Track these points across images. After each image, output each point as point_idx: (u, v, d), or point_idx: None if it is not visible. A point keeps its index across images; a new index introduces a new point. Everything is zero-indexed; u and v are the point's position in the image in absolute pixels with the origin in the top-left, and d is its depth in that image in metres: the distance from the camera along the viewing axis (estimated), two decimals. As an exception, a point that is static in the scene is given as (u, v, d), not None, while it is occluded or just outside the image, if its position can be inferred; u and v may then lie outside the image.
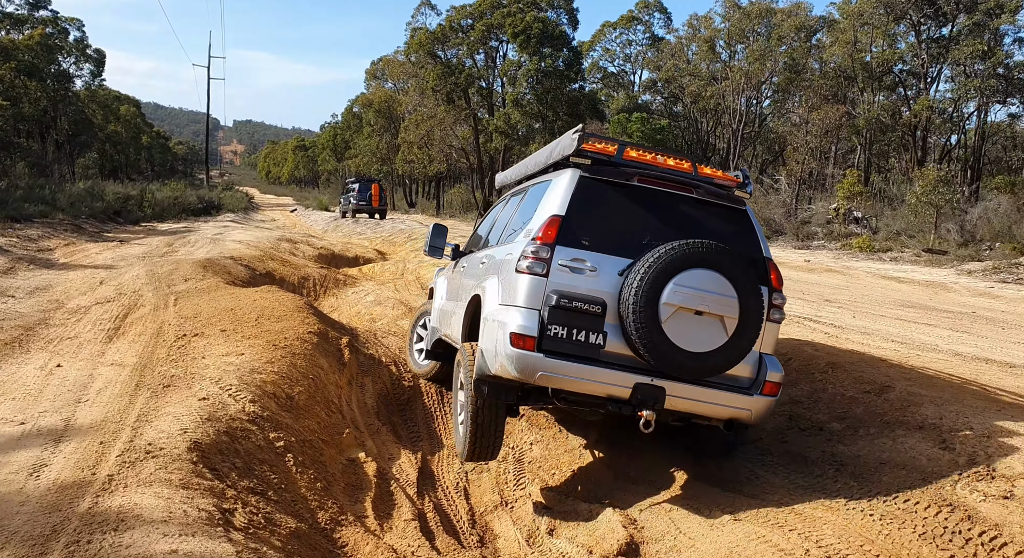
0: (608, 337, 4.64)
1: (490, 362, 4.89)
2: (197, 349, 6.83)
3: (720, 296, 4.58)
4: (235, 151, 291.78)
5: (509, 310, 4.83)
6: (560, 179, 5.13)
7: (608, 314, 4.65)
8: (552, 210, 4.91)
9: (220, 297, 9.51)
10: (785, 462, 4.80)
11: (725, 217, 5.11)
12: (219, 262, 14.32)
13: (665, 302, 4.52)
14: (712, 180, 5.25)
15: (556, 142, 5.49)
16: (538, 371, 4.61)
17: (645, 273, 4.54)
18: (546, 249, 4.74)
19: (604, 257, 4.80)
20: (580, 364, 4.61)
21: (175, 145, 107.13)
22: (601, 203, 4.97)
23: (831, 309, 10.44)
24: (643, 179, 5.03)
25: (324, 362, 7.04)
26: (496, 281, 5.26)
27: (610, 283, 4.73)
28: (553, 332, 4.60)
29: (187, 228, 27.94)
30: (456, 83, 41.42)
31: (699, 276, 4.58)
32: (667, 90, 45.20)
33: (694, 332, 4.56)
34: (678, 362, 4.55)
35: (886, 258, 19.12)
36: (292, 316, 7.89)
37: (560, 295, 4.62)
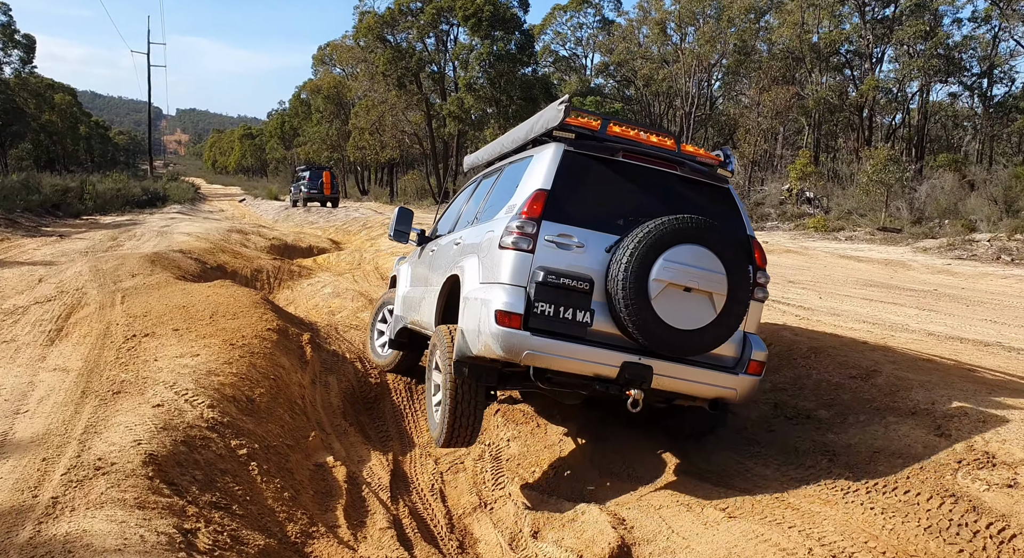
0: (595, 315, 4.53)
1: (472, 342, 4.73)
2: (149, 351, 6.41)
3: (709, 272, 4.51)
4: (179, 141, 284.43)
5: (493, 288, 4.67)
6: (543, 154, 4.98)
7: (595, 291, 4.54)
8: (537, 184, 4.76)
9: (171, 293, 9.03)
10: (775, 453, 4.65)
11: (708, 195, 5.05)
12: (168, 256, 13.72)
13: (655, 278, 4.43)
14: (695, 158, 5.18)
15: (538, 116, 5.34)
16: (524, 350, 4.46)
17: (635, 248, 4.44)
18: (532, 224, 4.60)
19: (590, 233, 4.67)
20: (567, 343, 4.49)
21: (116, 135, 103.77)
22: (586, 178, 4.85)
23: (796, 290, 10.41)
24: (628, 155, 4.93)
25: (285, 361, 6.68)
26: (476, 260, 5.09)
27: (597, 260, 4.62)
28: (540, 310, 4.46)
29: (132, 221, 26.92)
30: (407, 67, 40.71)
31: (689, 252, 4.50)
32: (619, 73, 45.14)
33: (683, 309, 4.48)
34: (667, 340, 4.46)
35: (841, 237, 19.35)
36: (249, 312, 7.50)
37: (547, 272, 4.49)
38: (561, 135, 4.95)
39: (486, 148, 6.87)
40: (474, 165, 7.27)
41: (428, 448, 6.40)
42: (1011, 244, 15.21)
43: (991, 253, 14.82)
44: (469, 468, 5.83)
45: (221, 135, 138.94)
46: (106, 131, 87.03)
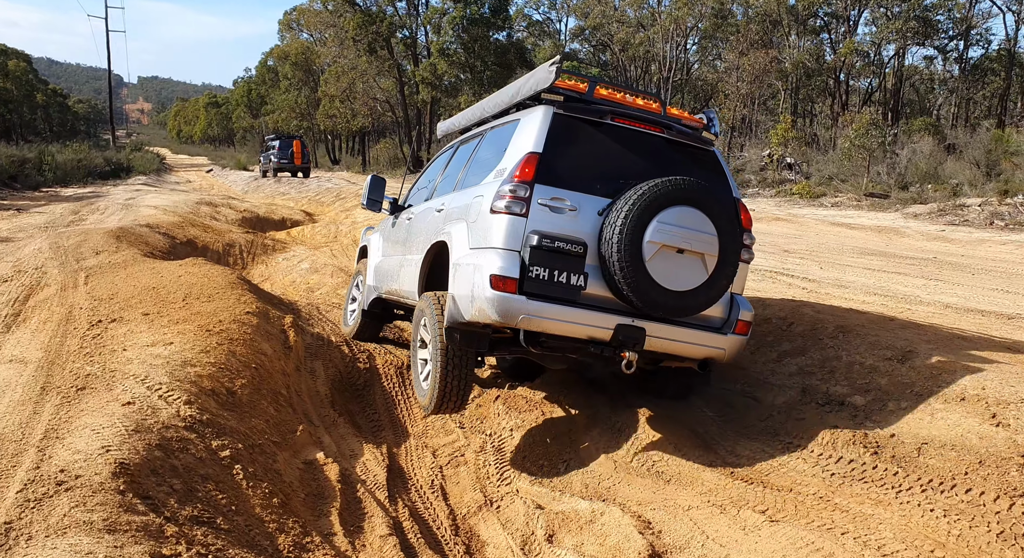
0: (589, 278, 4.54)
1: (465, 308, 4.70)
2: (116, 338, 5.87)
3: (702, 233, 4.55)
4: (142, 109, 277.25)
5: (485, 253, 4.63)
6: (532, 116, 4.91)
7: (588, 255, 4.54)
8: (528, 147, 4.70)
9: (139, 273, 8.43)
10: (808, 444, 4.29)
11: (695, 157, 5.07)
12: (134, 231, 13.02)
13: (649, 240, 4.45)
14: (680, 120, 5.18)
15: (525, 78, 5.22)
16: (520, 314, 4.45)
17: (629, 211, 4.44)
18: (525, 187, 4.56)
19: (583, 196, 4.66)
20: (562, 306, 4.49)
21: (75, 104, 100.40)
22: (576, 141, 4.81)
23: (795, 260, 10.07)
24: (616, 118, 4.89)
25: (267, 347, 6.18)
26: (464, 226, 5.03)
27: (590, 223, 4.61)
28: (535, 273, 4.45)
29: (95, 193, 25.89)
30: (377, 32, 39.53)
31: (682, 213, 4.52)
32: (595, 38, 44.28)
33: (676, 271, 4.52)
34: (661, 301, 4.49)
35: (827, 204, 19.08)
36: (225, 294, 6.96)
37: (541, 236, 4.46)
38: (550, 98, 4.87)
39: (463, 113, 6.70)
40: (449, 131, 7.12)
41: (424, 438, 5.98)
42: (1003, 209, 15.04)
43: (983, 218, 14.63)
44: (471, 461, 5.41)
45: (186, 104, 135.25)
46: (64, 99, 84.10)
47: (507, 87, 5.62)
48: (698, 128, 5.24)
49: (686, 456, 4.53)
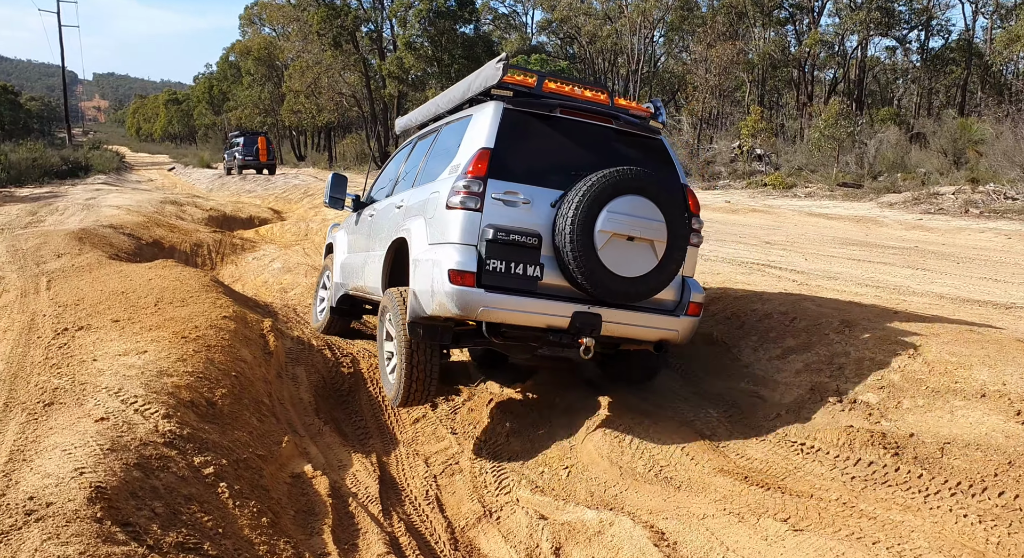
0: (544, 269, 4.67)
1: (425, 303, 4.84)
2: (85, 348, 5.52)
3: (650, 221, 4.70)
4: (99, 107, 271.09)
5: (443, 248, 4.75)
6: (483, 112, 5.00)
7: (543, 246, 4.67)
8: (480, 143, 4.80)
9: (106, 276, 8.04)
10: (822, 445, 4.12)
11: (643, 147, 5.20)
12: (97, 232, 12.54)
13: (600, 229, 4.59)
14: (628, 111, 5.27)
15: (475, 75, 5.32)
16: (480, 306, 4.59)
17: (580, 202, 4.57)
18: (478, 183, 4.68)
19: (535, 189, 4.77)
20: (520, 297, 4.63)
21: (27, 101, 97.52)
22: (526, 135, 4.92)
23: (778, 252, 9.99)
24: (565, 111, 5.02)
25: (247, 353, 5.87)
26: (422, 222, 5.15)
27: (543, 215, 4.74)
28: (492, 267, 4.58)
29: (53, 193, 25.04)
30: (342, 26, 38.90)
31: (630, 202, 4.67)
32: (562, 31, 44.10)
33: (627, 258, 4.67)
34: (614, 288, 4.65)
35: (800, 194, 19.13)
36: (199, 297, 6.63)
37: (497, 229, 4.58)
38: (499, 93, 4.97)
39: (419, 109, 6.76)
40: (407, 127, 7.17)
41: (414, 445, 5.73)
42: (976, 197, 15.15)
43: (957, 206, 14.73)
44: (466, 469, 5.18)
45: (144, 101, 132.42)
46: (16, 97, 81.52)
47: (459, 83, 5.69)
48: (645, 117, 5.32)
49: (695, 460, 4.34)
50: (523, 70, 5.06)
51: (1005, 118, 22.52)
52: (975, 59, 34.52)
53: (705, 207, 18.08)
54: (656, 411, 4.92)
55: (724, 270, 8.15)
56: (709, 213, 16.12)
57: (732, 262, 8.82)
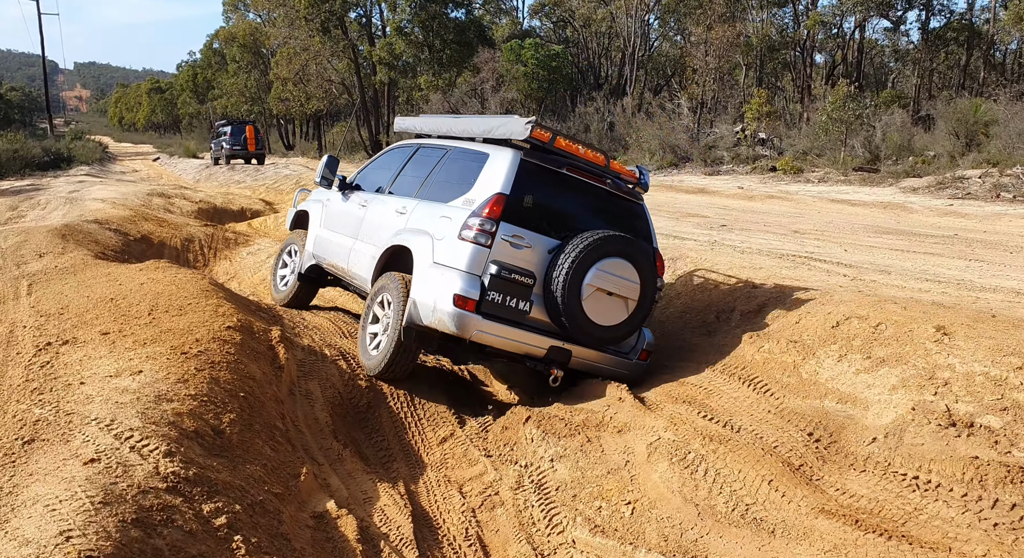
0: (533, 305, 5.39)
1: (425, 314, 5.36)
2: (71, 367, 4.86)
3: (629, 282, 5.53)
4: (80, 97, 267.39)
5: (451, 272, 5.31)
6: (502, 157, 5.56)
7: (536, 286, 5.40)
8: (497, 187, 5.38)
9: (93, 280, 7.35)
10: (945, 482, 3.52)
11: (627, 208, 5.94)
12: (81, 228, 11.78)
13: (588, 283, 5.36)
14: (619, 174, 5.94)
15: (500, 121, 5.81)
16: (475, 329, 5.23)
17: (576, 257, 5.29)
18: (491, 224, 5.28)
19: (537, 236, 5.46)
20: (509, 327, 5.33)
21: (7, 91, 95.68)
22: (535, 186, 5.53)
23: (812, 242, 9.39)
24: (571, 169, 5.66)
25: (255, 369, 5.22)
26: (429, 240, 5.62)
27: (540, 259, 5.45)
28: (491, 297, 5.24)
29: (34, 186, 24.14)
30: (331, 11, 37.88)
31: (616, 264, 5.46)
32: (555, 15, 43.19)
33: (604, 309, 5.48)
34: (589, 332, 5.47)
35: (813, 179, 18.54)
36: (199, 304, 5.95)
37: (501, 266, 5.25)
38: (520, 143, 5.59)
39: (430, 120, 7.14)
40: (411, 130, 7.47)
41: (444, 470, 5.12)
42: (1005, 180, 14.57)
43: (986, 191, 14.17)
44: (508, 501, 4.57)
45: (127, 90, 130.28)
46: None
47: (478, 120, 6.29)
48: (632, 181, 6.02)
49: (787, 496, 3.73)
50: (542, 126, 5.51)
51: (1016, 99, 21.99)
52: (976, 39, 33.97)
53: (718, 193, 17.54)
54: (729, 434, 4.30)
55: (766, 263, 7.54)
56: (723, 200, 15.51)
57: (770, 254, 8.21)
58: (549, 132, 5.51)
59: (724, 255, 7.98)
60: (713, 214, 12.90)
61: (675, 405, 4.86)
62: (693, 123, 29.68)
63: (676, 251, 8.27)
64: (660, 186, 19.23)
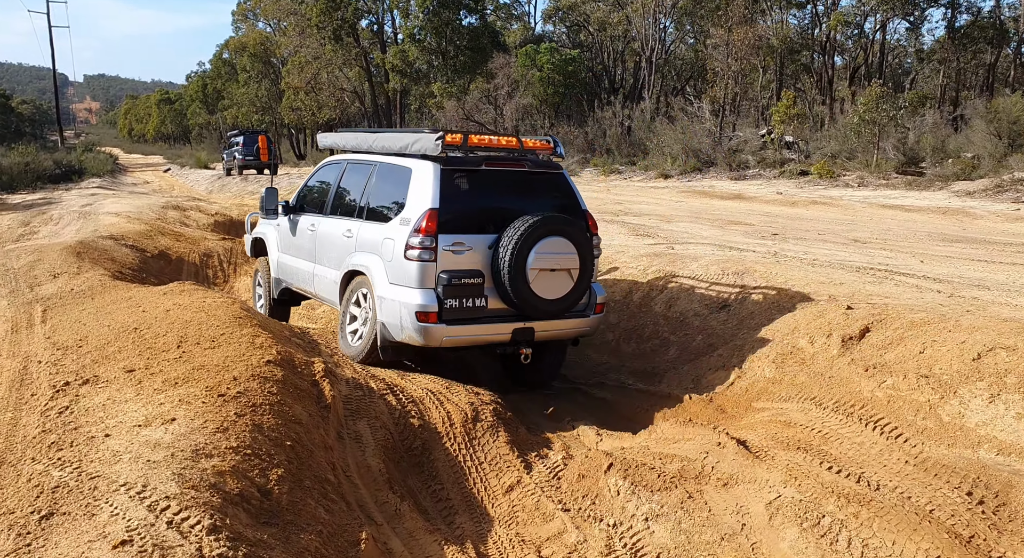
0: (488, 299, 5.80)
1: (395, 333, 5.87)
2: (93, 413, 4.25)
3: (567, 255, 5.92)
4: (90, 109, 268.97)
5: (407, 290, 5.76)
6: (423, 170, 5.91)
7: (485, 281, 5.78)
8: (427, 204, 5.73)
9: (113, 305, 6.76)
10: None
11: (548, 182, 6.29)
12: (97, 245, 11.24)
13: (531, 269, 5.75)
14: (534, 151, 6.29)
15: (412, 137, 6.13)
16: (443, 337, 5.74)
17: (513, 247, 5.67)
18: (430, 239, 5.66)
19: (475, 237, 5.84)
20: (472, 324, 5.82)
21: (19, 104, 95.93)
22: (461, 190, 5.92)
23: (881, 253, 8.71)
24: (489, 163, 6.02)
25: (300, 411, 4.60)
26: (379, 261, 6.07)
27: (483, 256, 5.84)
28: (449, 305, 5.66)
29: (46, 199, 23.70)
30: (343, 19, 37.49)
31: (551, 243, 5.82)
32: (569, 19, 42.61)
33: (551, 284, 5.90)
34: (542, 308, 5.91)
35: (852, 183, 17.83)
36: (233, 335, 5.34)
37: (451, 275, 5.66)
38: (437, 155, 5.90)
39: (351, 135, 7.40)
40: (335, 146, 7.86)
41: (515, 526, 4.49)
42: (1072, 182, 13.80)
43: (1052, 194, 13.40)
44: (602, 568, 3.92)
45: (136, 101, 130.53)
46: (7, 100, 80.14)
47: (393, 135, 6.58)
48: (547, 152, 6.34)
49: None
50: (450, 132, 5.87)
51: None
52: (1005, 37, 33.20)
53: (755, 199, 16.87)
54: (868, 493, 3.64)
55: (844, 278, 6.88)
56: (764, 206, 14.85)
57: (842, 267, 7.54)
58: (459, 134, 5.90)
59: (795, 269, 7.32)
60: (758, 221, 12.24)
61: (788, 452, 4.20)
62: (715, 126, 29.02)
63: (739, 264, 7.62)
64: (691, 192, 18.58)
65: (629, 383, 6.72)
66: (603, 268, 8.76)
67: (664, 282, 7.87)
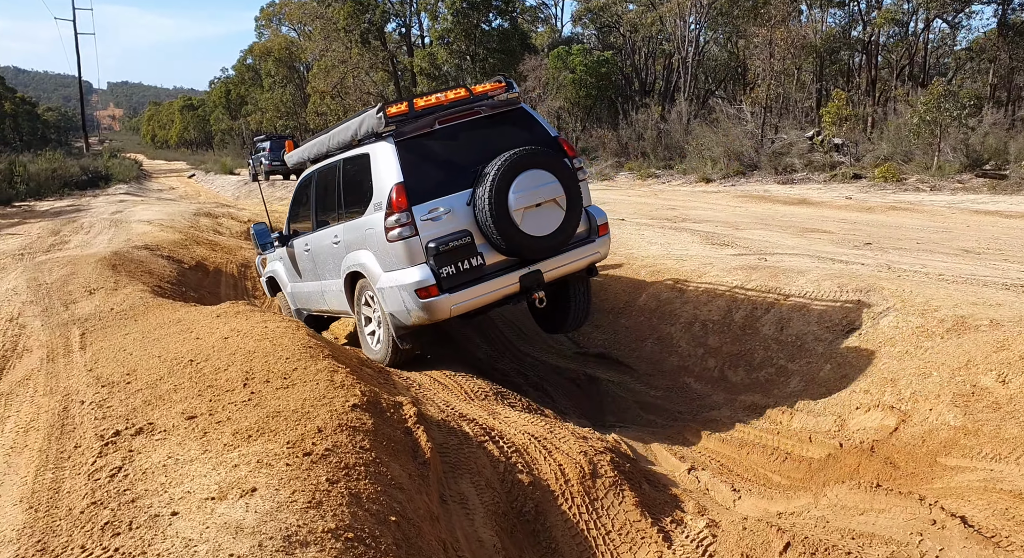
0: (484, 255, 5.69)
1: (404, 319, 5.77)
2: (153, 478, 3.44)
3: (547, 185, 5.78)
4: (113, 116, 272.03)
5: (401, 272, 5.66)
6: (381, 151, 5.78)
7: (475, 238, 5.64)
8: (392, 179, 5.61)
9: (160, 329, 5.99)
10: None
11: (511, 120, 6.10)
12: (131, 256, 10.52)
13: (514, 210, 5.62)
14: (486, 95, 6.04)
15: (357, 122, 6.04)
16: (450, 306, 5.60)
17: (489, 195, 5.54)
18: (405, 214, 5.55)
19: (450, 198, 5.69)
20: (476, 285, 5.67)
21: (44, 112, 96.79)
22: (422, 156, 5.74)
23: (1009, 266, 7.73)
24: (441, 121, 5.83)
25: (399, 470, 3.76)
26: (369, 254, 5.96)
27: (465, 214, 5.69)
28: (446, 273, 5.54)
29: (75, 206, 23.20)
30: (371, 21, 36.87)
31: (527, 178, 5.68)
32: (599, 21, 41.72)
33: (541, 220, 5.78)
34: (540, 247, 5.81)
35: (924, 187, 16.79)
36: (307, 370, 4.52)
37: (438, 242, 5.53)
38: (385, 131, 5.70)
39: (306, 147, 7.36)
40: (300, 161, 7.62)
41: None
42: None
43: None
44: None
45: (159, 107, 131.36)
46: (34, 108, 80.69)
47: (341, 128, 6.39)
48: (500, 91, 6.10)
49: None
50: (393, 102, 5.69)
51: None
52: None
53: (823, 204, 15.83)
54: None
55: (997, 298, 5.93)
56: (836, 212, 13.88)
57: (982, 283, 6.60)
58: (403, 103, 5.70)
59: (927, 286, 6.40)
60: (837, 229, 11.30)
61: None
62: (757, 128, 27.99)
63: (859, 280, 6.72)
64: (747, 197, 17.65)
65: (744, 419, 5.83)
66: (692, 280, 7.89)
67: (768, 299, 6.98)
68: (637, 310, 7.86)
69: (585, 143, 34.45)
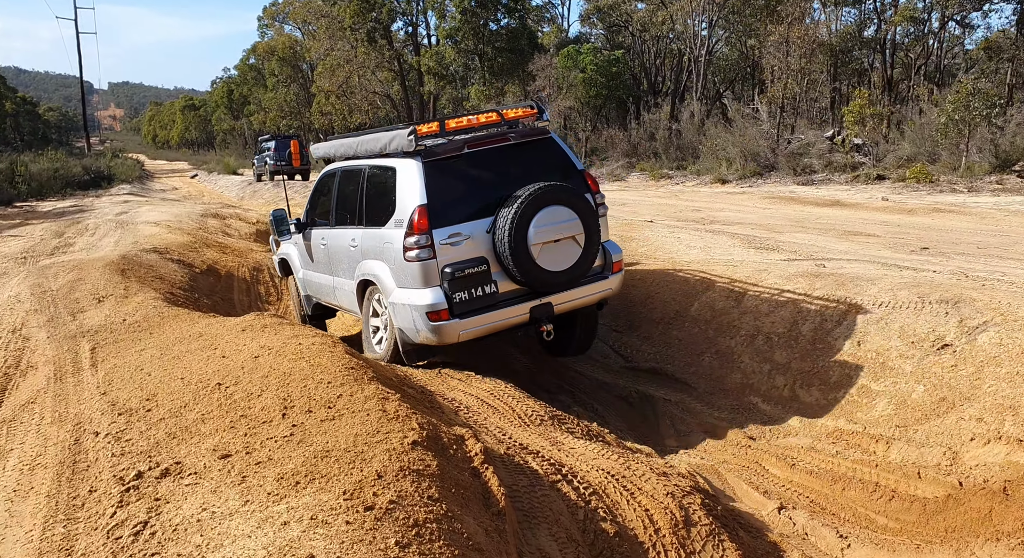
0: (498, 283, 5.68)
1: (412, 336, 5.80)
2: (185, 538, 2.86)
3: (568, 222, 5.78)
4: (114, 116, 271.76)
5: (414, 292, 5.64)
6: (407, 168, 5.77)
7: (491, 266, 5.65)
8: (416, 201, 5.58)
9: (180, 345, 5.40)
10: None
11: (539, 148, 6.10)
12: (140, 260, 9.93)
13: (532, 243, 5.62)
14: (517, 121, 6.19)
15: (389, 135, 5.92)
16: (459, 332, 5.61)
17: (510, 227, 5.53)
18: (425, 237, 5.53)
19: (471, 224, 5.68)
20: (487, 312, 5.67)
21: (45, 112, 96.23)
22: (448, 179, 5.72)
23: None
24: (471, 145, 5.83)
25: (473, 525, 3.17)
26: (384, 267, 5.99)
27: (483, 242, 5.69)
28: (458, 298, 5.53)
29: (78, 207, 22.63)
30: (377, 20, 36.29)
31: (548, 213, 5.67)
32: (608, 20, 41.12)
33: (559, 256, 5.78)
34: (555, 281, 5.81)
35: (960, 188, 16.22)
36: (354, 397, 3.93)
37: (454, 268, 5.52)
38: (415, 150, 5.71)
39: (338, 143, 7.12)
40: (328, 156, 7.51)
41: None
42: None
43: None
44: None
45: (160, 108, 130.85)
46: (34, 108, 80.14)
47: (371, 138, 6.30)
48: (532, 117, 6.17)
49: None
50: (423, 123, 5.66)
51: None
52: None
53: (858, 206, 15.24)
54: None
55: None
56: (874, 214, 13.29)
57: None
58: (435, 123, 5.72)
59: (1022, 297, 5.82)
60: (882, 232, 10.72)
61: None
62: (772, 128, 27.40)
63: (942, 290, 6.13)
64: (775, 198, 17.07)
65: (830, 448, 5.24)
66: (748, 287, 7.31)
67: (839, 310, 6.40)
68: (690, 321, 7.27)
69: (595, 143, 33.87)
